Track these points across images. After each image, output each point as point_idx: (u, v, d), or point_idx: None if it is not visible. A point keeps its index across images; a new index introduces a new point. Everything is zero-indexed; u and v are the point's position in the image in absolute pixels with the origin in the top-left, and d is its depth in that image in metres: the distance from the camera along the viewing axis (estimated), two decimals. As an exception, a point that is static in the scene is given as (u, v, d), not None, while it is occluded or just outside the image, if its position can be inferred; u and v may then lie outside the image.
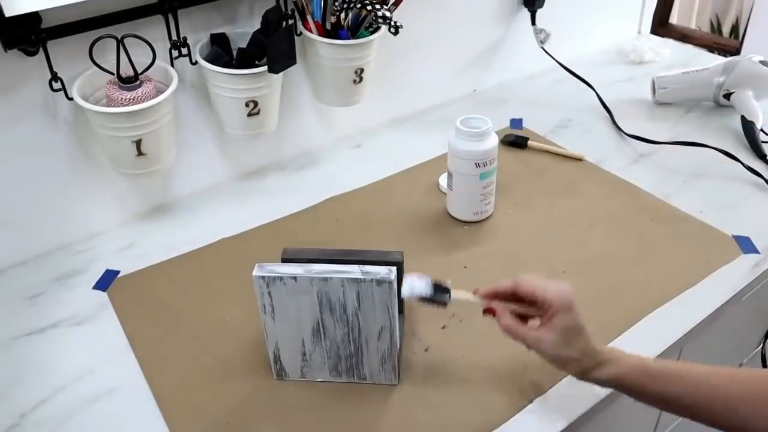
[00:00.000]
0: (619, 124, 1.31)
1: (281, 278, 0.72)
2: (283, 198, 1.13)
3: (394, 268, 0.72)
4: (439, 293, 0.75)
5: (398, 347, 0.79)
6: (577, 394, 0.78)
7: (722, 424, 0.66)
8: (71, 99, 0.91)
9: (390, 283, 0.71)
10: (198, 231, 1.05)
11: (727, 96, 1.31)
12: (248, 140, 1.14)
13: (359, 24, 1.06)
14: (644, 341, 0.85)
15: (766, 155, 1.20)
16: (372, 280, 0.71)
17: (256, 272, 0.72)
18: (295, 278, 0.72)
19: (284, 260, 0.78)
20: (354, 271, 0.72)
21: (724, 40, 1.94)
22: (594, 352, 0.70)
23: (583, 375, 0.71)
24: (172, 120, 0.97)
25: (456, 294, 0.76)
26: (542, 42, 1.45)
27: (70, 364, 0.84)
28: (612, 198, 1.12)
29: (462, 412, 0.77)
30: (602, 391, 0.78)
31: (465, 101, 1.42)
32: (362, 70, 1.10)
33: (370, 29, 1.08)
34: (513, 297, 0.74)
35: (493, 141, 1.01)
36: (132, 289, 0.95)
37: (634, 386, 0.69)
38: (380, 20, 1.03)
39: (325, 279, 0.71)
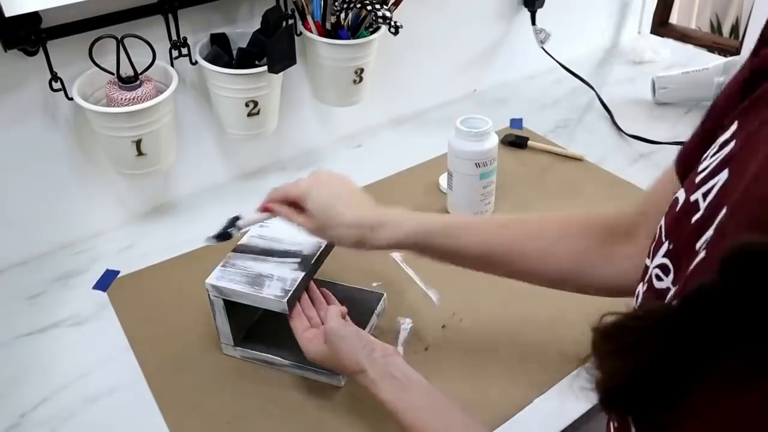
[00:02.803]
0: (619, 124, 1.31)
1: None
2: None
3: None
4: (228, 226, 0.81)
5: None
6: (576, 396, 0.78)
7: (502, 269, 0.72)
8: (71, 99, 0.91)
9: None
10: (198, 231, 1.05)
11: (727, 96, 1.31)
12: (248, 140, 1.14)
13: (359, 24, 1.06)
14: (644, 341, 0.85)
15: (766, 155, 1.19)
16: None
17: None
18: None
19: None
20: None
21: (724, 40, 1.94)
22: (362, 220, 0.72)
23: (361, 245, 0.73)
24: (172, 120, 0.97)
25: (245, 219, 0.80)
26: (542, 42, 1.45)
27: (71, 363, 0.84)
28: (612, 198, 1.12)
29: (462, 412, 0.77)
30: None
31: (465, 101, 1.42)
32: (362, 70, 1.10)
33: (370, 29, 1.08)
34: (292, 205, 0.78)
35: (493, 141, 1.01)
36: (132, 289, 0.95)
37: (417, 247, 0.72)
38: (380, 20, 1.03)
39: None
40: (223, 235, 0.81)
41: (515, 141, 1.25)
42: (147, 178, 1.04)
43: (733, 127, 0.46)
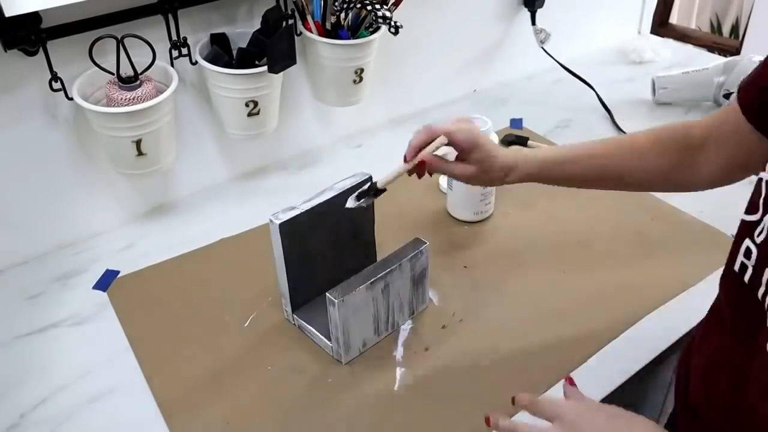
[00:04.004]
0: (619, 124, 1.31)
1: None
2: (283, 198, 1.11)
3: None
4: (368, 189, 0.80)
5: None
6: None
7: (611, 186, 0.84)
8: (71, 99, 0.91)
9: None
10: (198, 231, 1.05)
11: (727, 96, 1.31)
12: (248, 140, 1.14)
13: (359, 24, 1.06)
14: (644, 341, 0.85)
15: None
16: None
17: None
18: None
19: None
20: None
21: (724, 40, 1.94)
22: (505, 165, 0.81)
23: (503, 182, 0.82)
24: (172, 120, 0.97)
25: (385, 176, 0.80)
26: (542, 42, 1.45)
27: (70, 364, 0.84)
28: (612, 198, 1.12)
29: (462, 411, 0.77)
30: (602, 392, 0.78)
31: (465, 101, 1.42)
32: (362, 70, 1.10)
33: (370, 29, 1.08)
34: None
35: (493, 141, 1.01)
36: (132, 289, 0.95)
37: (541, 179, 0.83)
38: (380, 20, 1.03)
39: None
40: (364, 194, 0.80)
41: (515, 141, 1.25)
42: (147, 178, 1.04)
43: None
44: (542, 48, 1.45)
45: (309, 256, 0.85)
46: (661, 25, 1.74)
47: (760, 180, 0.59)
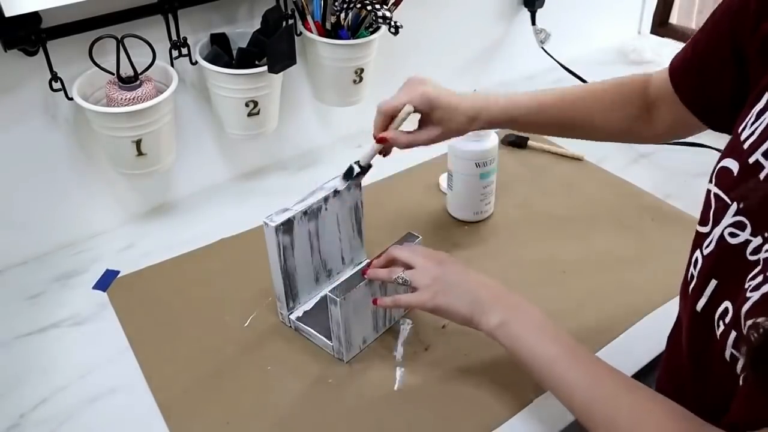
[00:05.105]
0: (619, 124, 1.31)
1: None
2: (283, 198, 1.11)
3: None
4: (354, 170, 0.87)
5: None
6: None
7: (577, 134, 0.87)
8: (71, 99, 0.91)
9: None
10: (198, 231, 1.05)
11: (727, 96, 1.31)
12: (248, 140, 1.14)
13: (359, 24, 1.06)
14: (644, 341, 0.85)
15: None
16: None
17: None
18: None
19: None
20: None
21: (724, 40, 1.93)
22: (468, 114, 0.83)
23: (468, 131, 0.85)
24: (172, 120, 0.97)
25: (365, 154, 0.86)
26: (542, 42, 1.45)
27: (70, 364, 0.84)
28: (612, 198, 1.12)
29: (462, 411, 0.77)
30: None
31: (465, 101, 1.42)
32: (362, 70, 1.10)
33: (370, 29, 1.08)
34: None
35: (493, 141, 1.01)
36: (132, 289, 0.95)
37: (504, 125, 0.86)
38: (380, 20, 1.03)
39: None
40: (350, 172, 0.87)
41: (515, 141, 1.25)
42: (147, 178, 1.04)
43: None
44: (542, 48, 1.45)
45: (303, 256, 0.85)
46: (661, 25, 1.74)
47: (708, 192, 0.59)
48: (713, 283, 0.56)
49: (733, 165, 0.55)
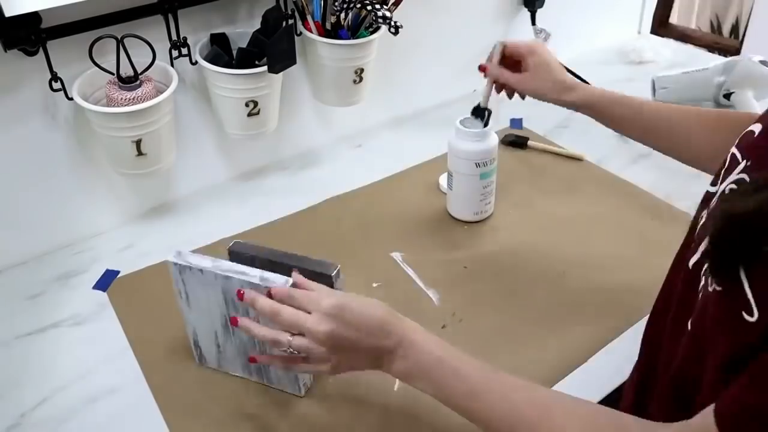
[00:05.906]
0: (619, 124, 1.31)
1: (190, 268, 0.74)
2: (283, 198, 1.13)
3: (290, 279, 0.70)
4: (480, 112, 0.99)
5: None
6: (577, 394, 0.78)
7: (654, 145, 0.90)
8: (71, 99, 0.91)
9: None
10: (198, 231, 1.05)
11: (727, 96, 1.31)
12: (248, 140, 1.14)
13: (359, 24, 1.06)
14: (644, 341, 0.85)
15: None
16: (266, 288, 0.69)
17: (170, 258, 0.75)
18: (201, 271, 0.73)
19: (231, 253, 0.81)
20: (254, 275, 0.71)
21: (724, 40, 1.94)
22: (563, 82, 0.90)
23: (560, 100, 0.91)
24: (172, 120, 0.97)
25: (483, 96, 0.99)
26: (542, 42, 1.45)
27: (70, 364, 0.84)
28: (612, 198, 1.12)
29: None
30: (602, 392, 0.78)
31: (465, 101, 1.41)
32: (362, 70, 1.10)
33: (370, 29, 1.08)
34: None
35: (493, 141, 1.01)
36: (132, 289, 0.95)
37: (597, 111, 0.91)
38: (380, 20, 1.03)
39: (228, 278, 0.72)
40: (477, 110, 0.99)
41: (515, 141, 1.25)
42: (147, 178, 1.04)
43: None
44: (542, 48, 1.45)
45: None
46: (661, 25, 1.74)
47: (729, 154, 0.59)
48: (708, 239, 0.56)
49: (756, 128, 0.57)
